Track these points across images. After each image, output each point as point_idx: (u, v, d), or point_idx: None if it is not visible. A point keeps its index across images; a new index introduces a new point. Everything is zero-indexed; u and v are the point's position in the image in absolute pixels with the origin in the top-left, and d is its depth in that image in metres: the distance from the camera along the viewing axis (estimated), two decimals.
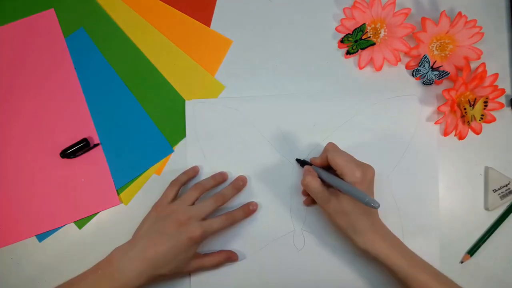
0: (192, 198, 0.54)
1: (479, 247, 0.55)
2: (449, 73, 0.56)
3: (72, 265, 0.57)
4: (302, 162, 0.56)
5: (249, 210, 0.56)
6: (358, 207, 0.49)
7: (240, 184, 0.57)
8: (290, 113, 0.58)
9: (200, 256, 0.54)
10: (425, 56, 0.56)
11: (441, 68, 0.56)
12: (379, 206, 0.45)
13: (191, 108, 0.59)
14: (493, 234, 0.56)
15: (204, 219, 0.52)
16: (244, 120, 0.59)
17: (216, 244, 0.57)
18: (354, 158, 0.51)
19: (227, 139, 0.58)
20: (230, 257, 0.56)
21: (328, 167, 0.52)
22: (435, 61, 0.57)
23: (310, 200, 0.56)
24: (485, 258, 0.56)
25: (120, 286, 0.48)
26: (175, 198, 0.55)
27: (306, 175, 0.51)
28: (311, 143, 0.58)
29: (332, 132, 0.58)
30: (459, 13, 0.56)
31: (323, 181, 0.51)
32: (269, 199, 0.57)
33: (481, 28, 0.56)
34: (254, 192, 0.58)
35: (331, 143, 0.53)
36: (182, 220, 0.51)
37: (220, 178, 0.57)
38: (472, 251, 0.55)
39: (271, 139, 0.58)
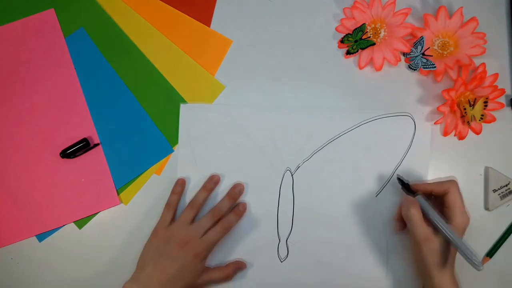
0: (189, 217, 0.54)
1: (497, 248, 0.55)
2: (435, 67, 0.56)
3: (72, 265, 0.57)
4: (404, 185, 0.54)
5: (239, 211, 0.56)
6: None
7: (236, 193, 0.57)
8: (284, 125, 0.58)
9: (209, 270, 0.54)
10: (421, 38, 0.56)
11: (431, 59, 0.56)
12: (481, 269, 0.45)
13: (185, 112, 0.59)
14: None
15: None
16: (237, 128, 0.58)
17: None
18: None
19: (219, 145, 0.58)
20: (239, 267, 0.56)
21: (429, 196, 0.52)
22: (429, 47, 0.56)
23: (403, 227, 0.55)
24: (503, 259, 0.56)
25: None
26: (173, 219, 0.55)
27: (411, 207, 0.50)
28: (302, 155, 0.58)
29: (322, 146, 0.58)
30: (474, 18, 0.56)
31: (424, 215, 0.50)
32: (256, 208, 0.57)
33: (485, 42, 0.56)
34: (242, 200, 0.57)
35: (455, 180, 0.51)
36: (183, 241, 0.52)
37: (212, 185, 0.57)
38: (491, 253, 0.55)
39: (263, 148, 0.58)
